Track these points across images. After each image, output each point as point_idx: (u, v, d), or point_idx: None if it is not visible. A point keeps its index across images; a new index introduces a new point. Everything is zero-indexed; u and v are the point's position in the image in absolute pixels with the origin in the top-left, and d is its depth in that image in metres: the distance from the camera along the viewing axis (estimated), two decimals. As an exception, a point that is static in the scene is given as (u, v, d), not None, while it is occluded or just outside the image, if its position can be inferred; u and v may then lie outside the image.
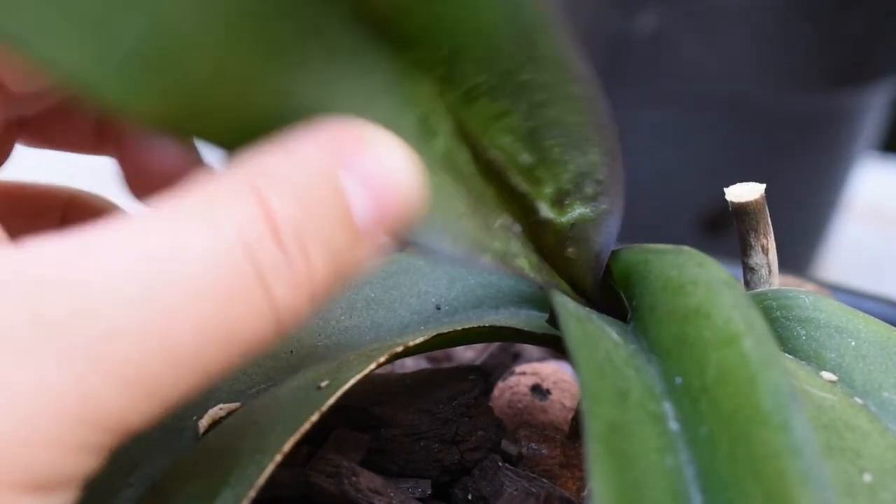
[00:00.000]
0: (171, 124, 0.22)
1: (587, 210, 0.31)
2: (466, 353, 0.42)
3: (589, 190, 0.31)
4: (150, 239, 0.21)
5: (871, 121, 0.72)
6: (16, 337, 0.20)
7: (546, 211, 0.31)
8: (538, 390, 0.38)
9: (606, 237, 0.31)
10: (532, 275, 0.31)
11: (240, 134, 0.24)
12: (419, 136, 0.29)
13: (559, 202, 0.31)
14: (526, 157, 0.30)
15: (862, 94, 0.69)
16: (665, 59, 0.64)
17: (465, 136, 0.30)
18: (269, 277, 0.22)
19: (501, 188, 0.31)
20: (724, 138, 0.68)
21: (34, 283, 0.20)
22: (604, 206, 0.31)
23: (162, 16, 0.21)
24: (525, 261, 0.31)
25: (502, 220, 0.31)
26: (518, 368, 0.39)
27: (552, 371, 0.39)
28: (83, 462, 0.21)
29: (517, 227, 0.31)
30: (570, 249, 0.31)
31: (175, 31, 0.21)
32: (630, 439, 0.23)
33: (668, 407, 0.25)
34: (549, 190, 0.31)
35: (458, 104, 0.29)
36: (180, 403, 0.22)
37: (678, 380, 0.25)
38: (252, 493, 0.25)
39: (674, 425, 0.24)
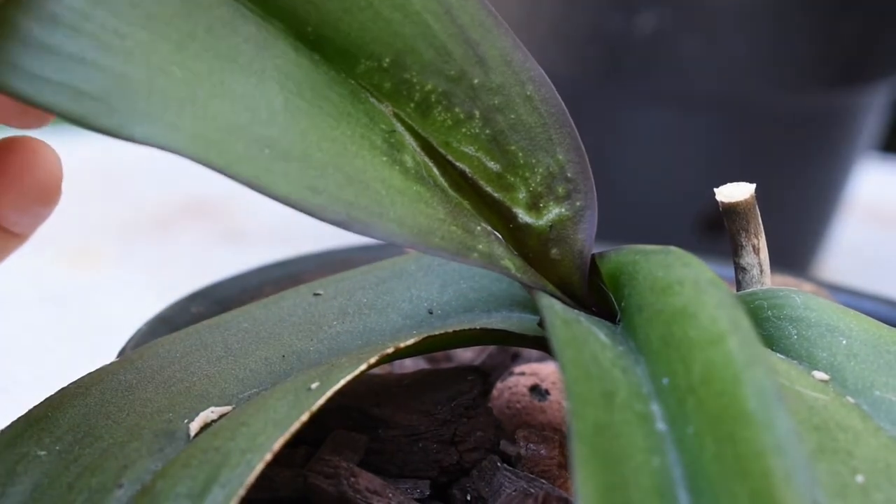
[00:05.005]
0: None
1: (563, 209, 0.31)
2: (465, 354, 0.42)
3: (561, 189, 0.31)
4: None
5: (871, 121, 0.72)
6: None
7: (524, 216, 0.31)
8: (537, 391, 0.38)
9: (587, 233, 0.32)
10: (519, 275, 0.31)
11: None
12: (390, 150, 0.29)
13: (535, 205, 0.31)
14: (493, 165, 0.31)
15: (862, 94, 0.69)
16: (665, 58, 0.64)
17: (430, 151, 0.30)
18: None
19: (476, 198, 0.31)
20: (724, 138, 0.68)
21: None
22: (579, 203, 0.31)
23: None
24: (510, 262, 0.31)
25: (482, 227, 0.31)
26: (517, 369, 0.39)
27: (551, 371, 0.39)
28: None
29: (497, 235, 0.31)
30: (553, 251, 0.32)
31: None
32: (616, 440, 0.23)
33: (655, 408, 0.25)
34: (522, 195, 0.31)
35: (415, 117, 0.30)
36: None
37: (665, 380, 0.25)
38: (242, 492, 0.25)
39: (661, 426, 0.24)
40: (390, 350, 0.30)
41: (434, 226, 0.29)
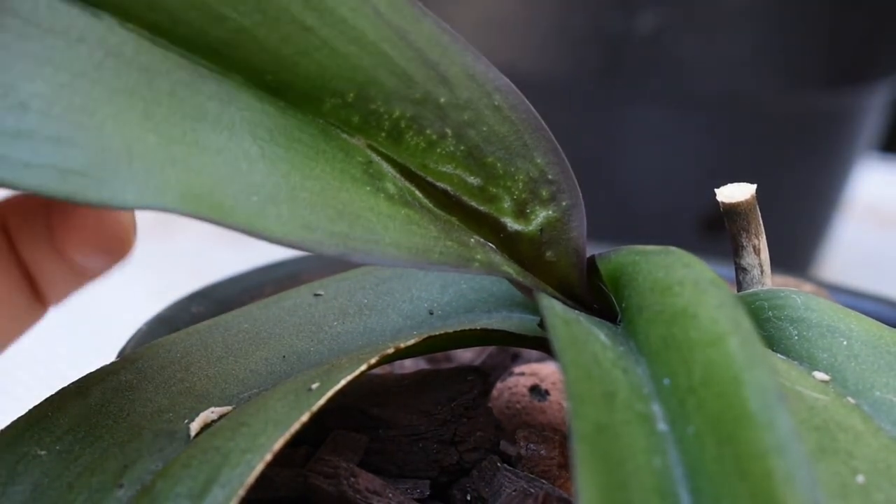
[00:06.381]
0: None
1: (550, 212, 0.31)
2: (465, 354, 0.42)
3: (544, 192, 0.31)
4: None
5: (871, 121, 0.72)
6: None
7: (513, 224, 0.31)
8: (537, 391, 0.38)
9: (578, 230, 0.32)
10: (520, 278, 0.31)
11: None
12: (371, 180, 0.30)
13: (521, 212, 0.31)
14: (473, 180, 0.31)
15: (862, 94, 0.69)
16: (665, 59, 0.64)
17: (409, 176, 0.31)
18: None
19: (463, 214, 0.31)
20: (724, 138, 0.68)
21: None
22: (565, 203, 0.32)
23: None
24: (509, 268, 0.31)
25: (475, 239, 0.31)
26: (517, 369, 0.39)
27: (551, 371, 0.39)
28: None
29: (491, 245, 0.31)
30: (548, 253, 0.32)
31: None
32: (617, 440, 0.23)
33: (656, 408, 0.25)
34: (507, 204, 0.31)
35: (388, 145, 0.30)
36: None
37: (666, 381, 0.25)
38: (242, 492, 0.25)
39: (662, 426, 0.24)
40: (391, 350, 0.30)
41: (430, 244, 0.29)
